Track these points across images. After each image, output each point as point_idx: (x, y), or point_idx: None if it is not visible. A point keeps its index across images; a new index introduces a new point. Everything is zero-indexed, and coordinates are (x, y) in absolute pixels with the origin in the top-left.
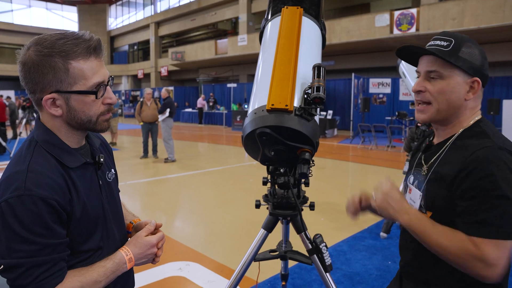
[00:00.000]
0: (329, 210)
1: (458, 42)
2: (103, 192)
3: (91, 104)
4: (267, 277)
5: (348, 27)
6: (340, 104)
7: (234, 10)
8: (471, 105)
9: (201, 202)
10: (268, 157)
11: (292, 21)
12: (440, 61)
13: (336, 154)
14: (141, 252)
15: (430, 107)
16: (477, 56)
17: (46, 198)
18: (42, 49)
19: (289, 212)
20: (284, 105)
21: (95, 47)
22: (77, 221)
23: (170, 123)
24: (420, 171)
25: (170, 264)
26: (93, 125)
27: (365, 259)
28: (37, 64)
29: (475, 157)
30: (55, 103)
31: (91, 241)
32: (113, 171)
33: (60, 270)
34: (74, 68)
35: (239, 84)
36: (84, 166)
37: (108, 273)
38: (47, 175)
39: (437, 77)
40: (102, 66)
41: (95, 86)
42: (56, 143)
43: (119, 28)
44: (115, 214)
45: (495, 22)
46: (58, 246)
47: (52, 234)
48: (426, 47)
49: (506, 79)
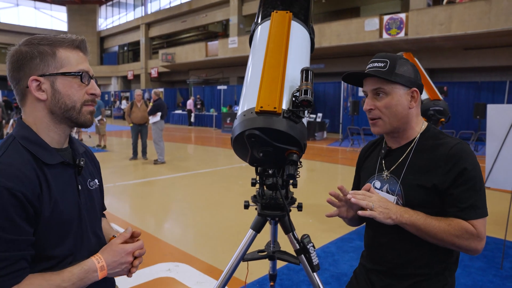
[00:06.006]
0: (317, 212)
1: (392, 62)
2: (82, 197)
3: (76, 89)
4: (256, 278)
5: (338, 30)
6: (329, 107)
7: (225, 12)
8: (416, 112)
9: (191, 203)
10: (257, 159)
11: (282, 25)
12: (382, 80)
13: (325, 157)
14: (115, 260)
15: (381, 121)
16: (410, 71)
17: (11, 189)
18: (31, 40)
19: (278, 212)
20: (272, 108)
21: (80, 43)
22: (47, 221)
23: (161, 125)
24: (382, 176)
25: (159, 265)
26: (77, 114)
27: (352, 260)
28: (25, 51)
29: (454, 152)
30: (41, 87)
31: (62, 246)
32: (97, 181)
33: (19, 271)
34: (61, 53)
35: (229, 86)
36: (62, 166)
37: (74, 279)
38: (17, 168)
39: (382, 93)
40: (86, 61)
41: (81, 72)
42: (34, 139)
43: (109, 29)
44: (93, 223)
45: (481, 28)
46: (20, 243)
47: (15, 229)
48: (366, 70)
49: (492, 84)
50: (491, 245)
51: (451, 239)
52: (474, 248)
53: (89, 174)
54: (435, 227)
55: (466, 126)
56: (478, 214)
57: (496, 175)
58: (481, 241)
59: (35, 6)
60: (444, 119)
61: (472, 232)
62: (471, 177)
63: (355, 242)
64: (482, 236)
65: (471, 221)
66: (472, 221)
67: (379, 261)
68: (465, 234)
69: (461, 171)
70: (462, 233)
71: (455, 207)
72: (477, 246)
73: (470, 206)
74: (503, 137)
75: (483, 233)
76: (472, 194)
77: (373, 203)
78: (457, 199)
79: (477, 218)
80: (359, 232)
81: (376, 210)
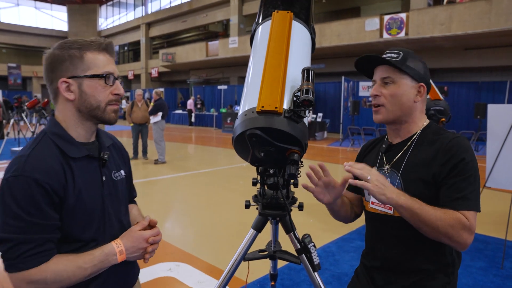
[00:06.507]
0: (318, 212)
1: (405, 55)
2: (105, 188)
3: (101, 90)
4: (257, 278)
5: (339, 30)
6: (330, 107)
7: (225, 12)
8: (420, 108)
9: (191, 203)
10: (258, 158)
11: (282, 25)
12: (392, 69)
13: (326, 157)
14: (133, 245)
15: (384, 109)
16: (421, 67)
17: (38, 180)
18: (63, 44)
19: (279, 212)
20: (273, 107)
21: (106, 46)
22: (72, 209)
23: (162, 124)
24: (383, 169)
25: (160, 265)
26: (102, 113)
27: (353, 260)
28: (57, 55)
29: (453, 144)
30: (70, 88)
31: (86, 232)
32: (123, 172)
33: (47, 251)
34: (88, 57)
35: (229, 86)
36: (87, 159)
37: (95, 261)
38: (45, 161)
39: (390, 82)
40: (112, 63)
41: (105, 74)
42: (62, 135)
43: (110, 29)
44: (117, 211)
45: (482, 28)
46: (47, 227)
47: (42, 214)
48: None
49: (492, 84)
50: (492, 245)
51: (445, 228)
52: (464, 240)
53: (114, 165)
54: (431, 214)
55: (466, 126)
56: (470, 206)
57: (496, 175)
58: (471, 234)
59: (35, 6)
60: (444, 119)
61: (465, 223)
62: (468, 169)
63: (355, 242)
64: (473, 229)
65: (463, 212)
66: (464, 213)
67: (379, 258)
68: (459, 224)
69: (458, 162)
70: (456, 222)
71: (448, 196)
72: (467, 239)
73: (463, 197)
74: (503, 137)
75: (474, 227)
76: (467, 185)
77: (370, 176)
78: (452, 188)
79: (469, 209)
80: (359, 232)
81: (371, 183)
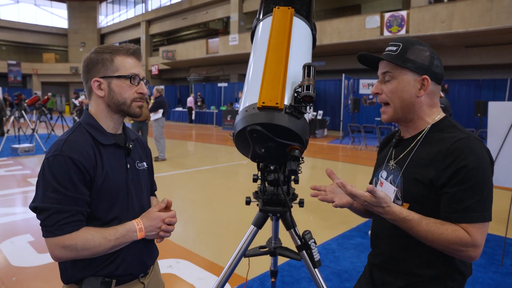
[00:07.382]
0: (318, 209)
1: (405, 46)
2: (130, 174)
3: (127, 89)
4: (257, 274)
5: (339, 28)
6: (330, 105)
7: (225, 9)
8: (427, 102)
9: (192, 200)
10: (259, 154)
11: (283, 21)
12: (391, 64)
13: (326, 154)
14: (151, 224)
15: (389, 108)
16: (425, 57)
17: (74, 159)
18: (98, 49)
19: (279, 208)
20: (274, 103)
21: (134, 51)
22: (99, 188)
23: (162, 122)
24: (389, 165)
25: (161, 262)
26: (127, 108)
27: (353, 257)
28: (92, 58)
29: (455, 147)
30: (100, 86)
31: (110, 211)
32: (145, 164)
33: (78, 221)
34: (117, 60)
35: (230, 84)
36: (114, 147)
37: (117, 235)
38: (80, 144)
39: (390, 78)
40: (139, 66)
41: (131, 75)
42: (94, 125)
43: (110, 26)
44: (139, 197)
45: (483, 26)
46: (79, 200)
47: (75, 189)
48: (382, 54)
49: (493, 82)
50: (492, 242)
51: (447, 246)
52: (469, 256)
53: (138, 156)
54: (430, 230)
55: (467, 123)
56: (474, 218)
57: (497, 173)
58: (477, 248)
59: (35, 3)
60: None
61: (467, 240)
62: (471, 176)
63: (356, 239)
64: (478, 243)
65: (466, 225)
66: (466, 226)
67: (379, 254)
68: (459, 241)
69: (459, 168)
70: (456, 239)
71: (449, 207)
72: (472, 254)
73: (465, 208)
74: (504, 134)
75: (479, 240)
76: (471, 195)
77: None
78: (452, 199)
79: (472, 222)
80: (360, 229)
81: (367, 200)
